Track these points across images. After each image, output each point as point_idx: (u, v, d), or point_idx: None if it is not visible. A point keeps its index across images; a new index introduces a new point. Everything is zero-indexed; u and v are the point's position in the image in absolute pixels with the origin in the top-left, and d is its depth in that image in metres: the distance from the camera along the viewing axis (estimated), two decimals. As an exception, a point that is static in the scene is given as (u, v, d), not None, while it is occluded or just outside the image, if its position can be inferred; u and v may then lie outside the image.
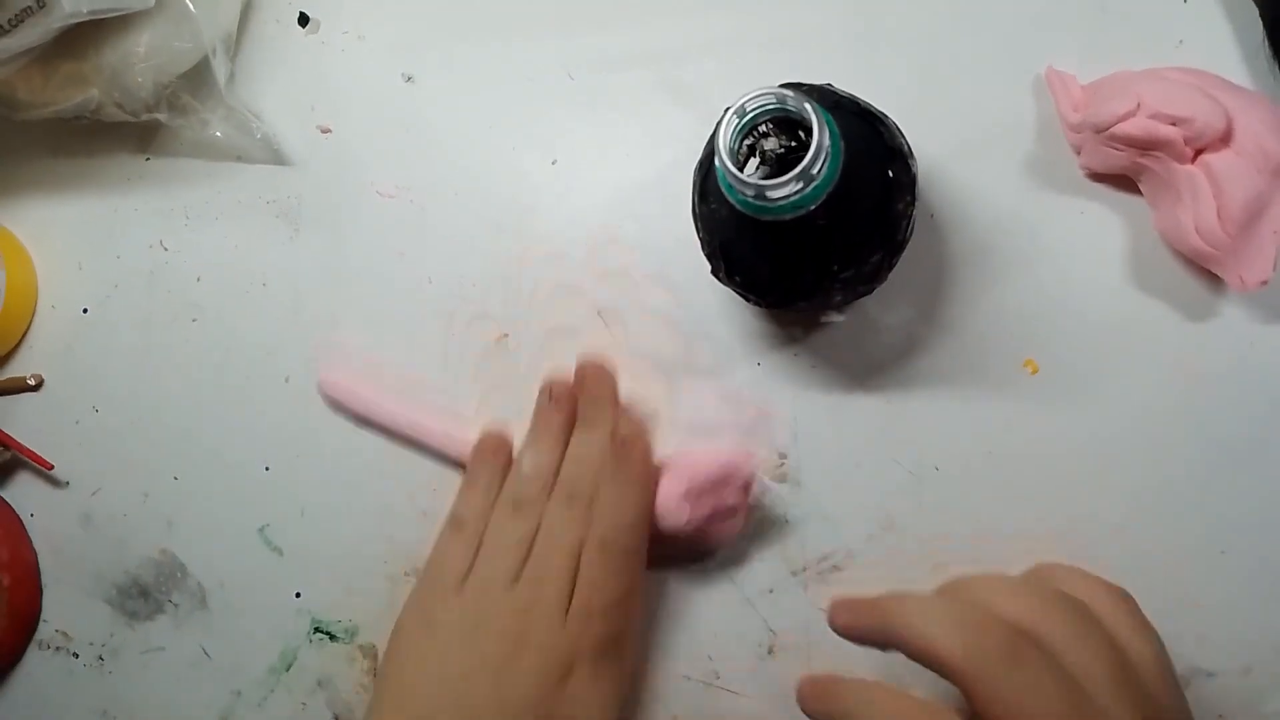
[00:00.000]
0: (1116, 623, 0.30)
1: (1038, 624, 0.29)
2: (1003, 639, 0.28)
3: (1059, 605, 0.30)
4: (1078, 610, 0.30)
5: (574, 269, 0.45)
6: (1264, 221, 0.36)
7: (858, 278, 0.36)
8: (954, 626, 0.28)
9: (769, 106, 0.32)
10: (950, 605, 0.29)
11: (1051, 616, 0.29)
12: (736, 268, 0.37)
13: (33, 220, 0.52)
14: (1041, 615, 0.29)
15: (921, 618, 0.29)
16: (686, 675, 0.42)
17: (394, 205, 0.47)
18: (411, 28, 0.48)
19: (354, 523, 0.46)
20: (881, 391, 0.41)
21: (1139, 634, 0.31)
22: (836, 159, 0.31)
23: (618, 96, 0.45)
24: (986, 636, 0.28)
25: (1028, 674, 0.27)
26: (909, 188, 0.35)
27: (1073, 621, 0.29)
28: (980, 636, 0.28)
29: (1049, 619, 0.29)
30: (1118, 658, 0.29)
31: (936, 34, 0.42)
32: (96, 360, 0.50)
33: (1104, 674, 0.28)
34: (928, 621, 0.29)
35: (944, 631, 0.28)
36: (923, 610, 0.29)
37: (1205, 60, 0.39)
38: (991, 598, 0.30)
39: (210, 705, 0.47)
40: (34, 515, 0.50)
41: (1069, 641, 0.29)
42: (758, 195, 0.31)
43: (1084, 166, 0.40)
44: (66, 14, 0.42)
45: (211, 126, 0.47)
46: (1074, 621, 0.29)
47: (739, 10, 0.44)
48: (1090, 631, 0.29)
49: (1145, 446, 0.39)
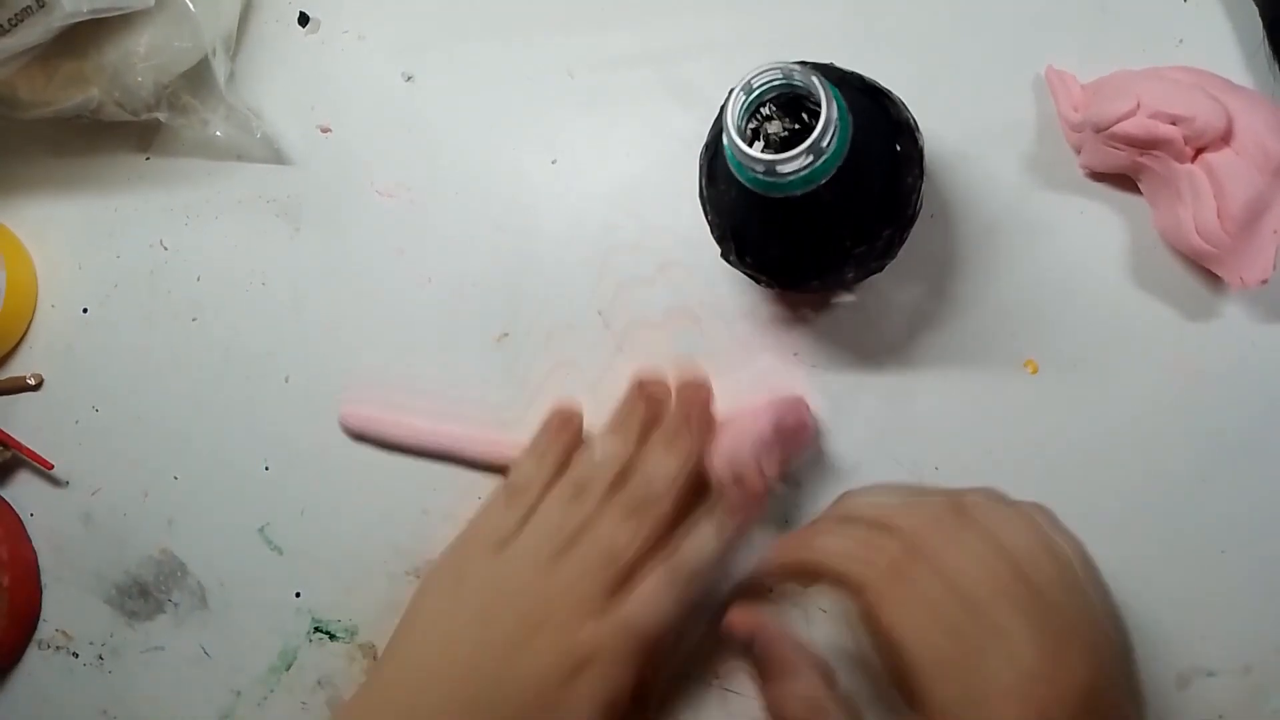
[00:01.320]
0: (1016, 538, 0.31)
1: (928, 540, 0.30)
2: (891, 557, 0.29)
3: (950, 521, 0.30)
4: (970, 526, 0.30)
5: (574, 268, 0.45)
6: (1264, 221, 0.36)
7: (869, 253, 0.36)
8: (847, 549, 0.30)
9: (775, 82, 0.32)
10: (843, 528, 0.31)
11: (942, 532, 0.30)
12: (747, 249, 0.37)
13: (33, 219, 0.52)
14: (932, 531, 0.30)
15: (819, 544, 0.31)
16: (687, 675, 0.42)
17: (394, 205, 0.47)
18: (411, 27, 0.48)
19: (354, 522, 0.46)
20: (881, 392, 0.41)
21: (1044, 548, 0.31)
22: (845, 132, 0.31)
23: (618, 96, 0.45)
24: (878, 555, 0.29)
25: (917, 589, 0.28)
26: (917, 161, 0.35)
27: (964, 537, 0.30)
28: (871, 554, 0.29)
29: (939, 535, 0.30)
30: (1011, 570, 0.29)
31: (936, 34, 0.42)
32: (96, 359, 0.50)
33: (996, 587, 0.29)
34: (824, 547, 0.30)
35: (838, 555, 0.30)
36: (820, 537, 0.31)
37: (1205, 60, 0.39)
38: (884, 517, 0.31)
39: (210, 704, 0.47)
40: (34, 515, 0.50)
41: (959, 557, 0.29)
42: (768, 171, 0.31)
43: (1084, 166, 0.40)
44: (67, 13, 0.42)
45: (212, 126, 0.47)
46: (966, 538, 0.30)
47: (739, 10, 0.44)
48: (982, 546, 0.30)
49: (1145, 445, 0.39)
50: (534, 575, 0.38)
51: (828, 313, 0.42)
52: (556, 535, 0.38)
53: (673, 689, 0.42)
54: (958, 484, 0.40)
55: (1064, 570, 0.31)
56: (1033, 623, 0.29)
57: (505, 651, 0.36)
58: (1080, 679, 0.28)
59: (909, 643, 0.29)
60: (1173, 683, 0.38)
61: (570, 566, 0.37)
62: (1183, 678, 0.38)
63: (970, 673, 0.28)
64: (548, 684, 0.36)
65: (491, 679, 0.36)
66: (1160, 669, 0.38)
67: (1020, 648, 0.28)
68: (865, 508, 0.32)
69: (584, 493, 0.39)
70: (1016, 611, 0.29)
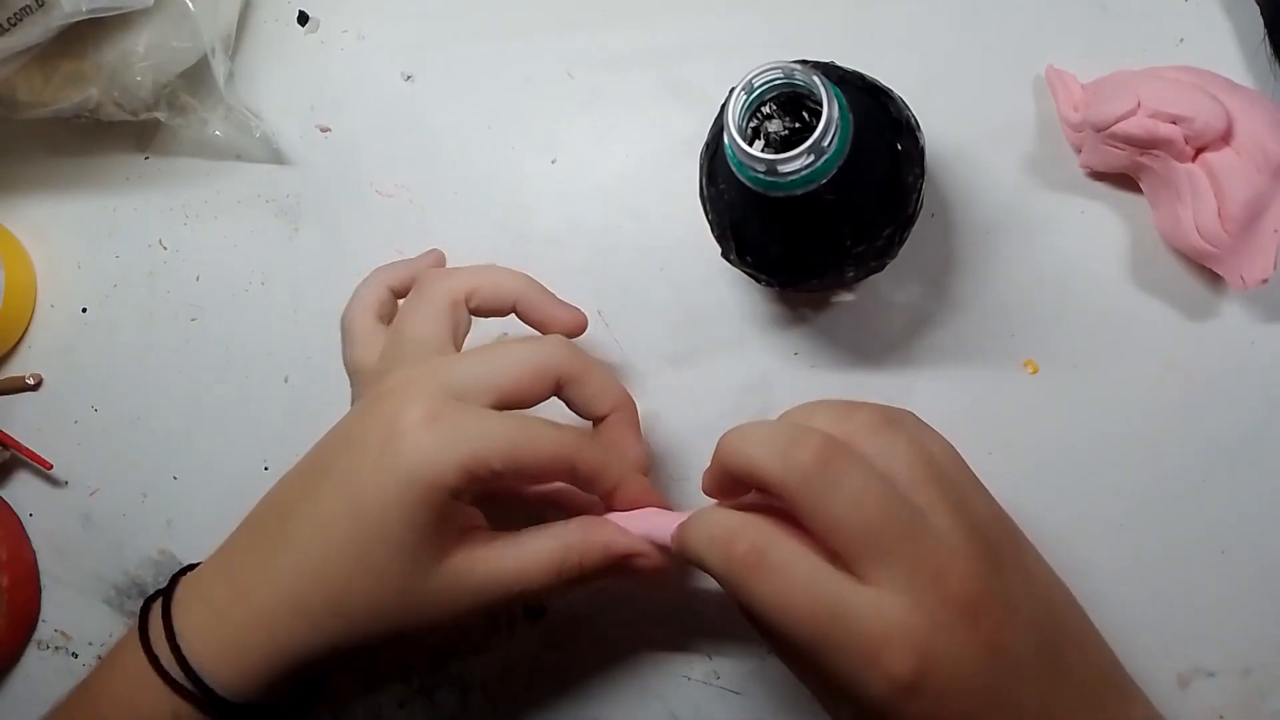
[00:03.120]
0: (943, 448, 0.32)
1: (848, 434, 0.30)
2: (816, 450, 0.29)
3: (866, 416, 0.31)
4: (883, 418, 0.31)
5: (574, 268, 0.45)
6: (1264, 220, 0.36)
7: (869, 252, 0.36)
8: (771, 445, 0.29)
9: (776, 81, 0.32)
10: (767, 426, 0.31)
11: (860, 426, 0.30)
12: (748, 248, 0.37)
13: (32, 219, 0.52)
14: (850, 426, 0.30)
15: (743, 441, 0.30)
16: (686, 675, 0.42)
17: (393, 204, 0.47)
18: (411, 27, 0.48)
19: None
20: (880, 393, 0.41)
21: (935, 438, 0.32)
22: (846, 131, 0.31)
23: (617, 95, 0.45)
24: (801, 450, 0.29)
25: (843, 480, 0.28)
26: (918, 159, 0.35)
27: (879, 429, 0.30)
28: (795, 450, 0.29)
29: (857, 429, 0.30)
30: (925, 457, 0.30)
31: (937, 33, 0.42)
32: (96, 360, 0.50)
33: (916, 475, 0.30)
34: (748, 443, 0.30)
35: (763, 451, 0.29)
36: (744, 435, 0.31)
37: (1206, 59, 0.38)
38: (806, 417, 0.31)
39: (210, 705, 0.47)
40: (33, 515, 0.50)
41: (880, 447, 0.30)
42: (769, 171, 0.31)
43: (1084, 165, 0.40)
44: (66, 13, 0.42)
45: (211, 125, 0.47)
46: (881, 429, 0.30)
47: (739, 9, 0.44)
48: (896, 437, 0.30)
49: (1145, 445, 0.39)
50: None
51: (827, 312, 0.42)
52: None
53: (673, 689, 0.42)
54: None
55: (967, 465, 0.32)
56: (959, 513, 0.29)
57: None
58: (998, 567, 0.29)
59: (843, 525, 0.28)
60: (1173, 683, 0.38)
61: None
62: (1183, 678, 0.38)
63: (912, 546, 0.28)
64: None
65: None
66: (1160, 669, 0.38)
67: (948, 524, 0.29)
68: (793, 413, 0.33)
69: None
70: (944, 499, 0.29)
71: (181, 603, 0.35)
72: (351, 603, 0.33)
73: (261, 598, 0.33)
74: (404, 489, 0.32)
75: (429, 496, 0.32)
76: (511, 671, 0.44)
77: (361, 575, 0.33)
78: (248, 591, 0.34)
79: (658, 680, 0.42)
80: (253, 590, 0.34)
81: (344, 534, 0.33)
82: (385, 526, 0.32)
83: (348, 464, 0.33)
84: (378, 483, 0.32)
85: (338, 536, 0.33)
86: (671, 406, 0.43)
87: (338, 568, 0.33)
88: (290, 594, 0.33)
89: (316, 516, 0.33)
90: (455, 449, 0.32)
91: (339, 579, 0.33)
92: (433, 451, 0.32)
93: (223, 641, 0.34)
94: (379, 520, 0.32)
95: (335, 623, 0.33)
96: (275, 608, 0.33)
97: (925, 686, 0.27)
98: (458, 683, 0.44)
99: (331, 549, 0.33)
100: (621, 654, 0.43)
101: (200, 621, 0.34)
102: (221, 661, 0.33)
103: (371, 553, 0.32)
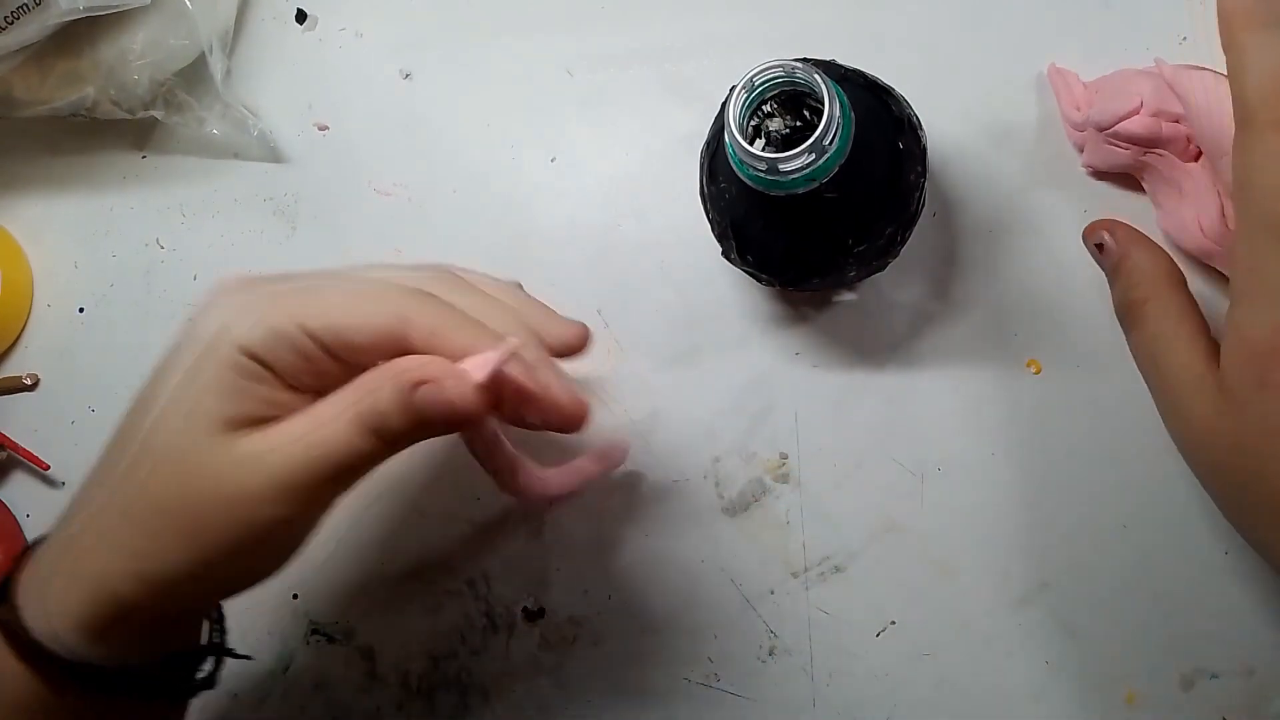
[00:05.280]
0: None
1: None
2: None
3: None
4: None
5: (573, 267, 0.44)
6: (1268, 219, 0.36)
7: (871, 251, 0.35)
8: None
9: (777, 79, 0.32)
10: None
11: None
12: (748, 247, 0.37)
13: (28, 218, 0.51)
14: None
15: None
16: (687, 677, 0.42)
17: (392, 203, 0.47)
18: (409, 25, 0.48)
19: (351, 525, 0.46)
20: (882, 392, 0.41)
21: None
22: (848, 130, 0.31)
23: (617, 94, 0.45)
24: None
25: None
26: (919, 158, 0.35)
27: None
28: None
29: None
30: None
31: (939, 31, 0.42)
32: (93, 359, 0.50)
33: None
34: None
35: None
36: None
37: (1208, 57, 0.38)
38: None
39: (207, 707, 0.47)
40: (30, 516, 0.50)
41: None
42: (770, 170, 0.30)
43: (1087, 165, 0.40)
44: (63, 11, 0.42)
45: (208, 124, 0.47)
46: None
47: (739, 7, 0.44)
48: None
49: (1148, 445, 0.39)
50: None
51: (829, 311, 0.42)
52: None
53: (673, 691, 0.42)
54: (959, 484, 0.40)
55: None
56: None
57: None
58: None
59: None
60: (1176, 684, 0.38)
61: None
62: (1186, 679, 0.38)
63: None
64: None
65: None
66: (1164, 670, 0.38)
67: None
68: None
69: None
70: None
71: (28, 566, 0.33)
72: (145, 503, 0.30)
73: (78, 536, 0.31)
74: (200, 352, 0.29)
75: (220, 354, 0.29)
76: (511, 672, 0.44)
77: (153, 468, 0.30)
78: (72, 537, 0.32)
79: (658, 682, 0.42)
80: (77, 536, 0.31)
81: (142, 429, 0.30)
82: (177, 399, 0.29)
83: (152, 380, 0.31)
84: (177, 363, 0.30)
85: (138, 436, 0.30)
86: (671, 406, 0.43)
87: (135, 464, 0.30)
88: (95, 521, 0.31)
89: (122, 432, 0.32)
90: (257, 305, 0.30)
91: (134, 482, 0.30)
92: (231, 310, 0.30)
93: (50, 596, 0.31)
94: (175, 396, 0.30)
95: (133, 534, 0.30)
96: (85, 540, 0.31)
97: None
98: (457, 684, 0.44)
99: (130, 450, 0.30)
100: (621, 655, 0.43)
101: (35, 580, 0.32)
102: (56, 618, 0.31)
103: (159, 433, 0.30)
